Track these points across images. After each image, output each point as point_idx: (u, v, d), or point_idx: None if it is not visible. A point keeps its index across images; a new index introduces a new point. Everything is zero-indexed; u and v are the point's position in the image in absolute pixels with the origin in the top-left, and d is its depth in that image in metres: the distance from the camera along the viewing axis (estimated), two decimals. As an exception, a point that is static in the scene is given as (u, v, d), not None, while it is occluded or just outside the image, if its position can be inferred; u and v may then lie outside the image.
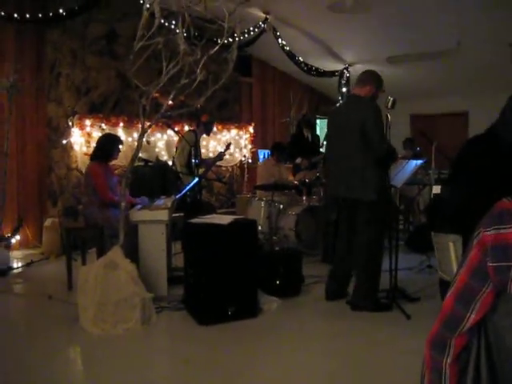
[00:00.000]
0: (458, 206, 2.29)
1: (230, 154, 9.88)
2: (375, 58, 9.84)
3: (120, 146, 5.99)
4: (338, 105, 10.11)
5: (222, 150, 7.56)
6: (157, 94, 4.93)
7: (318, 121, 11.55)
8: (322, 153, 8.31)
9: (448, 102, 12.18)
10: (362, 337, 4.20)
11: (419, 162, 5.45)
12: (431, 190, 6.97)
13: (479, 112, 11.82)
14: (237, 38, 5.04)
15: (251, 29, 8.42)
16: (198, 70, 4.64)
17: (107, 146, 5.86)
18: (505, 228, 1.30)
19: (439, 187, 5.14)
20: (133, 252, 4.91)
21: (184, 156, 7.20)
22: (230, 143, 7.70)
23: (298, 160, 8.45)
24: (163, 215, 5.11)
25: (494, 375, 1.38)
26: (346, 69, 10.92)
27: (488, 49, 8.88)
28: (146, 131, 4.87)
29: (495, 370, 1.38)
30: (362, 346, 3.99)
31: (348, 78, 10.90)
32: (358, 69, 9.79)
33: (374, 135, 4.65)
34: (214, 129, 8.61)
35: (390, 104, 4.63)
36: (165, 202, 5.62)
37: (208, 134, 7.81)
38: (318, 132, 10.70)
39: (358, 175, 4.73)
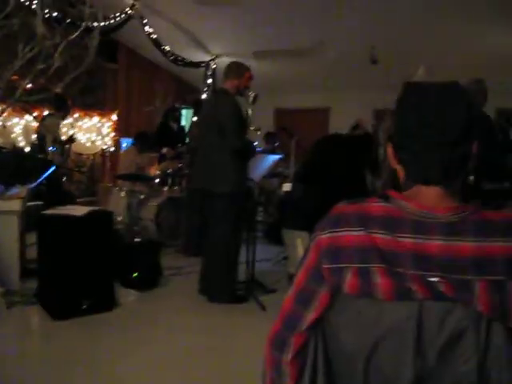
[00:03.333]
0: (309, 205, 2.37)
1: (92, 142, 9.62)
2: (242, 51, 9.91)
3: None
4: (207, 96, 10.15)
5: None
6: (15, 77, 4.70)
7: (183, 111, 11.48)
8: (187, 143, 8.29)
9: (311, 98, 12.57)
10: (219, 329, 4.25)
11: (276, 157, 5.57)
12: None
13: (340, 108, 12.33)
14: (100, 23, 4.90)
15: (117, 14, 8.20)
16: (56, 55, 4.48)
17: None
18: (339, 231, 1.35)
19: (289, 185, 5.29)
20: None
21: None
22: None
23: (164, 150, 8.37)
24: (16, 205, 4.89)
25: (330, 371, 1.44)
26: (213, 60, 10.94)
27: (349, 48, 9.24)
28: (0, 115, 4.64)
29: (331, 367, 1.44)
30: (219, 338, 4.03)
31: (214, 69, 10.92)
32: (224, 61, 9.82)
33: (229, 129, 4.68)
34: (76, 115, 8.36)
35: (251, 99, 4.70)
36: (19, 190, 5.37)
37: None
38: (183, 122, 10.66)
39: (216, 168, 4.78)
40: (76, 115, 9.19)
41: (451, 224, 1.28)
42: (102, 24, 7.09)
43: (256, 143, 8.23)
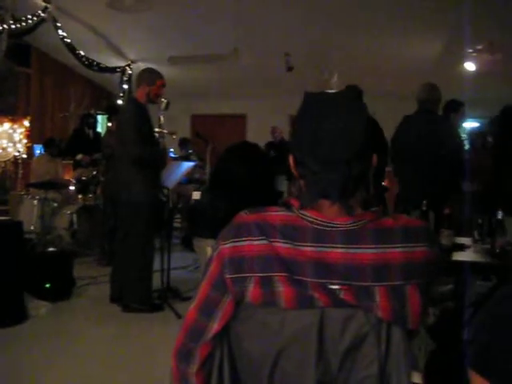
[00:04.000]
0: (217, 213, 2.37)
1: (3, 149, 9.29)
2: (157, 57, 9.86)
3: None
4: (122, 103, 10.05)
5: None
6: None
7: (99, 117, 11.28)
8: (102, 150, 8.14)
9: (227, 104, 12.61)
10: (133, 338, 4.21)
11: (190, 164, 5.57)
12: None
13: (256, 115, 12.42)
14: (10, 26, 4.75)
15: (29, 17, 7.97)
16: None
17: None
18: (241, 241, 1.35)
19: (199, 193, 5.30)
20: None
21: None
22: None
23: (79, 156, 8.19)
24: None
25: (236, 381, 1.44)
26: (129, 66, 10.82)
27: (264, 55, 9.34)
28: None
29: (237, 377, 1.44)
30: (134, 348, 3.98)
31: (130, 75, 10.80)
32: (140, 66, 9.74)
33: (128, 139, 4.67)
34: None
35: (163, 106, 4.69)
36: None
37: None
38: (99, 129, 10.47)
39: (122, 177, 4.74)
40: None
41: (351, 232, 1.31)
42: (13, 27, 6.89)
43: (172, 150, 8.20)
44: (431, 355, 2.05)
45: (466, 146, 5.93)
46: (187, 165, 5.42)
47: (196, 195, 5.32)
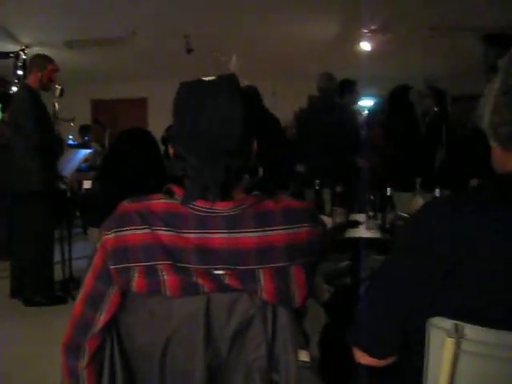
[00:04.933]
0: (106, 201, 2.32)
1: None
2: (53, 41, 9.50)
3: None
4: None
5: None
6: None
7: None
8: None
9: (128, 88, 12.31)
10: (37, 334, 4.08)
11: (87, 151, 5.46)
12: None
13: (157, 98, 12.22)
14: None
15: None
16: None
17: None
18: (124, 230, 1.34)
19: (90, 182, 5.21)
20: None
21: None
22: None
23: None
24: None
25: (128, 372, 1.43)
26: (23, 50, 10.38)
27: (163, 37, 9.19)
28: None
29: (130, 367, 1.43)
30: (38, 344, 3.84)
31: (24, 60, 10.37)
32: (35, 51, 9.38)
33: (24, 127, 4.52)
34: None
35: (58, 93, 4.57)
36: None
37: None
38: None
39: (18, 167, 4.58)
40: None
41: (232, 217, 1.32)
42: None
43: (71, 137, 7.99)
44: (325, 330, 2.10)
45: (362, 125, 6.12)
46: (84, 152, 5.31)
47: (87, 184, 5.20)
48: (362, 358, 1.33)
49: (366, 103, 9.65)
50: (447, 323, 1.17)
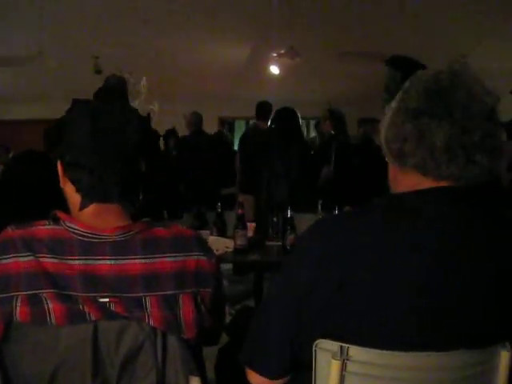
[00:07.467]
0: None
1: None
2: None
3: None
4: None
5: None
6: None
7: None
8: None
9: (35, 109, 11.94)
10: None
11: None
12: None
13: (66, 120, 11.94)
14: None
15: None
16: None
17: None
18: (7, 258, 1.29)
19: None
20: None
21: None
22: None
23: None
24: None
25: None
26: None
27: (72, 58, 9.03)
28: None
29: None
30: None
31: None
32: None
33: None
34: None
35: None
36: None
37: None
38: None
39: None
40: None
41: (119, 244, 1.30)
42: None
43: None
44: (221, 353, 2.10)
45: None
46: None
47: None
48: (254, 378, 1.34)
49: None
50: (333, 345, 1.19)
